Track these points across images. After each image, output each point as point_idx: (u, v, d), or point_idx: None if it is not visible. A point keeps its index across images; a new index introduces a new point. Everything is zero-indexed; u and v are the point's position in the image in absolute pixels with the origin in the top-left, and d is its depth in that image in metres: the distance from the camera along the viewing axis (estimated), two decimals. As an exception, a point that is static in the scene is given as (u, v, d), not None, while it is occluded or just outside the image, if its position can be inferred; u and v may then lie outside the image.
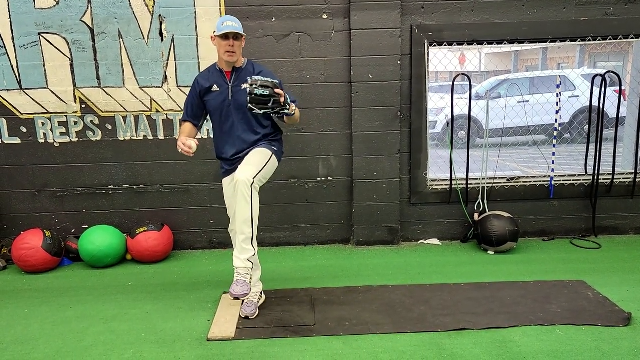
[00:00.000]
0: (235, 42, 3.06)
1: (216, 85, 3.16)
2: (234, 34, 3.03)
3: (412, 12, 4.36)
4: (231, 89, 3.14)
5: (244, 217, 3.05)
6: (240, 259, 3.10)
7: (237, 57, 3.11)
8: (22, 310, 3.52)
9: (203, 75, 3.25)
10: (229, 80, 3.16)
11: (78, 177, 4.49)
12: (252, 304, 3.33)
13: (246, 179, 3.01)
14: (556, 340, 2.93)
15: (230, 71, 3.16)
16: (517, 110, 6.68)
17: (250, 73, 3.13)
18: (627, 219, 4.77)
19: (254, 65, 3.24)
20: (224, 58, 3.10)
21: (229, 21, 3.05)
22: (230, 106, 3.15)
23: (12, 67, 4.25)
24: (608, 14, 4.41)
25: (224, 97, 3.15)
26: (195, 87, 3.23)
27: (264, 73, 3.16)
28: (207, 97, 3.20)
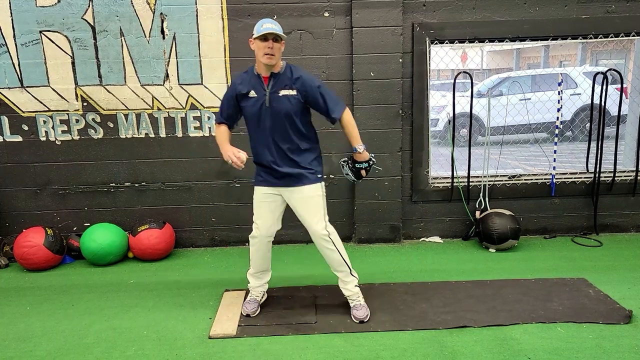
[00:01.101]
0: (275, 44, 2.90)
1: (254, 91, 3.02)
2: (274, 36, 2.89)
3: (414, 9, 4.35)
4: (269, 96, 2.99)
5: (337, 262, 3.19)
6: (348, 289, 3.26)
7: (276, 60, 2.95)
8: (24, 307, 3.53)
9: (240, 79, 3.10)
10: (267, 86, 3.00)
11: (80, 175, 4.49)
12: (254, 301, 3.33)
13: (322, 234, 3.10)
14: (557, 337, 2.93)
15: (268, 77, 3.00)
16: (518, 108, 6.68)
17: (289, 79, 3.00)
18: (628, 217, 4.77)
19: (292, 69, 3.05)
20: (262, 61, 2.92)
21: (268, 23, 2.92)
22: (267, 113, 3.01)
23: (13, 65, 4.26)
24: (610, 12, 4.40)
25: (260, 104, 3.01)
26: (232, 90, 3.10)
27: (304, 78, 3.02)
28: (243, 103, 3.06)
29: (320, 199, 3.14)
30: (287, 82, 2.99)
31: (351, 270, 3.24)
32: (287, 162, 3.07)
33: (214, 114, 4.42)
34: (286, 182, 3.10)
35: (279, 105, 2.99)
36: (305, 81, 3.01)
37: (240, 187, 4.58)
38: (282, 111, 2.98)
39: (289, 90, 2.98)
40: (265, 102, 3.00)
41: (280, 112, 2.99)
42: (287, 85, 2.99)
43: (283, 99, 2.98)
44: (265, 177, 3.15)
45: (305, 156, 3.11)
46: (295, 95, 3.00)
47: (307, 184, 3.10)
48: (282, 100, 2.98)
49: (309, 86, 3.01)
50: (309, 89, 3.01)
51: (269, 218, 3.19)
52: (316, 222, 3.10)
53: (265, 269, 3.37)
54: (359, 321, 3.15)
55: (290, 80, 3.00)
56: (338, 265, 3.21)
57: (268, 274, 3.42)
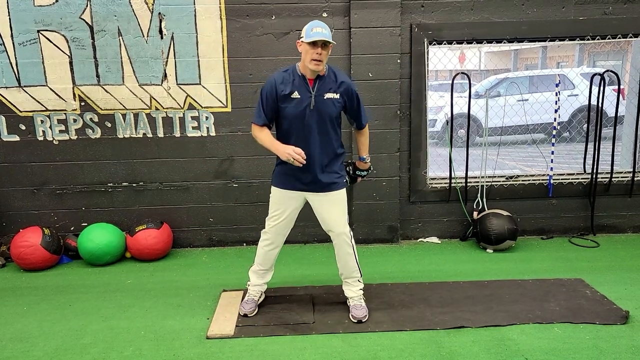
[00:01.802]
0: (323, 51, 2.87)
1: (297, 92, 2.96)
2: (323, 42, 2.85)
3: (412, 10, 4.36)
4: (314, 98, 2.97)
5: (352, 267, 3.23)
6: (353, 291, 3.29)
7: (323, 65, 2.93)
8: (21, 307, 3.52)
9: (282, 79, 3.00)
10: (312, 88, 2.97)
11: (77, 175, 4.48)
12: (251, 301, 3.32)
13: (345, 234, 3.14)
14: (554, 338, 2.94)
15: (314, 79, 2.98)
16: (516, 108, 6.69)
17: (333, 82, 3.00)
18: (625, 218, 4.79)
19: (335, 72, 3.06)
20: (309, 66, 2.89)
21: (319, 27, 2.86)
22: (312, 116, 2.98)
23: (11, 65, 4.24)
24: (607, 13, 4.42)
25: (305, 106, 2.96)
26: (272, 89, 2.99)
27: (347, 83, 3.04)
28: (285, 104, 2.98)
29: (345, 203, 3.18)
30: (331, 85, 3.00)
31: (361, 275, 3.29)
32: (323, 166, 3.06)
33: (212, 114, 4.42)
34: (316, 187, 3.09)
35: (324, 108, 2.99)
36: (349, 86, 3.05)
37: (238, 187, 4.58)
38: (326, 114, 2.99)
39: (334, 94, 3.00)
40: (310, 104, 2.96)
41: (324, 115, 2.99)
42: (331, 89, 2.99)
43: (328, 102, 2.99)
44: (293, 180, 3.09)
45: (337, 161, 3.14)
46: (339, 99, 3.02)
47: (336, 189, 3.13)
48: (327, 103, 2.99)
49: (351, 92, 3.06)
50: (351, 95, 3.06)
51: (287, 220, 3.18)
52: (342, 224, 3.13)
53: (269, 268, 3.36)
54: (357, 320, 3.16)
55: (334, 83, 3.01)
56: (351, 270, 3.24)
57: (270, 274, 3.40)
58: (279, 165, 3.13)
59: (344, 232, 3.14)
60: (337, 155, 3.13)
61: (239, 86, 4.39)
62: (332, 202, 3.12)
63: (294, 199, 3.14)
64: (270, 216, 3.21)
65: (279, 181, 3.15)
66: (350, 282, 3.29)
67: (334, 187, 3.11)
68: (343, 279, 3.31)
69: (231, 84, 4.38)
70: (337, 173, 3.13)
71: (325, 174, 3.07)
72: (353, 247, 3.19)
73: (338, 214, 3.13)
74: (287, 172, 3.09)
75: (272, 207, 3.19)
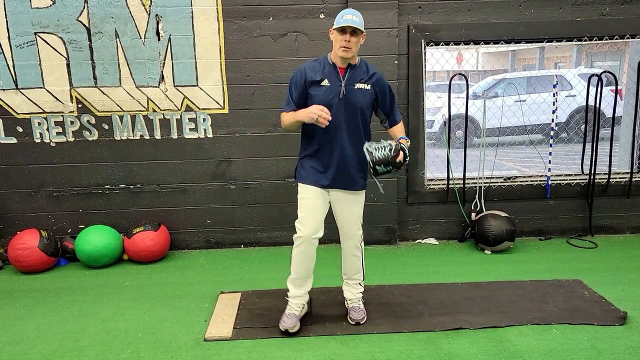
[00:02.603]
0: (353, 38, 2.80)
1: (327, 80, 2.89)
2: (352, 29, 2.79)
3: (409, 11, 4.36)
4: (344, 87, 2.89)
5: (357, 267, 3.22)
6: (353, 293, 3.26)
7: (352, 53, 2.86)
8: (19, 310, 3.51)
9: (312, 66, 2.96)
10: (343, 77, 2.90)
11: (74, 177, 4.48)
12: (293, 316, 3.09)
13: (359, 240, 3.15)
14: (552, 339, 2.94)
15: (345, 67, 2.91)
16: (514, 109, 6.70)
17: (365, 73, 2.94)
18: (623, 219, 4.79)
19: (367, 65, 3.00)
20: (338, 53, 2.84)
21: (349, 14, 2.81)
22: (341, 105, 2.89)
23: (8, 67, 4.24)
24: (604, 14, 4.43)
25: (334, 94, 2.89)
26: (301, 76, 2.93)
27: (379, 75, 2.98)
28: (314, 91, 2.91)
29: (362, 205, 3.15)
30: (363, 75, 2.93)
31: (364, 279, 3.28)
32: (350, 160, 2.97)
33: (209, 115, 4.42)
34: (341, 184, 3.01)
35: (354, 98, 2.91)
36: (381, 78, 2.98)
37: (236, 188, 4.57)
38: (357, 104, 2.91)
39: (364, 84, 2.92)
40: (340, 92, 2.89)
41: (355, 105, 2.91)
42: (362, 79, 2.92)
43: (358, 92, 2.91)
44: (319, 176, 3.00)
45: (363, 158, 2.98)
46: (369, 90, 2.94)
47: (359, 189, 3.08)
48: (357, 93, 2.91)
49: (383, 84, 2.99)
50: (383, 87, 2.99)
51: (318, 218, 3.04)
52: (357, 227, 3.12)
53: (308, 275, 3.14)
54: (355, 322, 3.14)
55: (366, 74, 2.94)
56: (356, 271, 3.22)
57: (310, 282, 3.17)
58: (302, 159, 3.07)
59: (357, 235, 3.13)
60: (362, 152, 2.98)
61: (236, 88, 4.38)
62: (354, 203, 3.08)
63: (323, 195, 3.03)
64: (301, 217, 3.04)
65: (302, 176, 3.06)
66: (351, 284, 3.26)
67: (358, 185, 3.05)
68: (345, 278, 3.28)
69: (228, 85, 4.38)
70: (361, 171, 3.04)
71: (351, 169, 2.99)
72: (362, 250, 3.18)
73: (356, 215, 3.10)
74: (311, 165, 3.01)
75: (302, 206, 3.05)
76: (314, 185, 3.01)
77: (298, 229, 3.03)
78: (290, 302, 3.15)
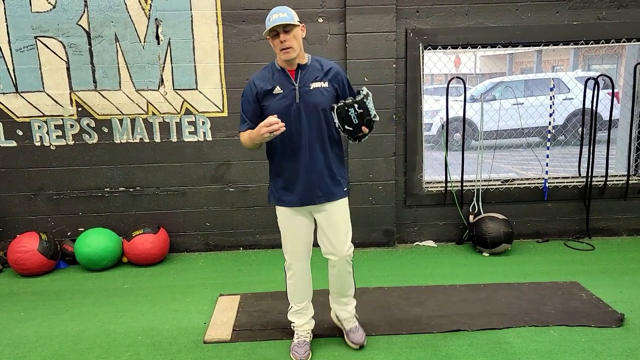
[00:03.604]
0: (287, 36, 2.51)
1: (279, 87, 2.62)
2: (283, 27, 2.50)
3: (407, 15, 4.39)
4: (298, 90, 2.61)
5: (348, 286, 2.93)
6: (347, 310, 2.99)
7: (296, 52, 2.56)
8: (18, 313, 3.52)
9: (260, 76, 2.69)
10: (295, 79, 2.63)
11: (74, 180, 4.49)
12: (303, 343, 2.91)
13: (347, 256, 2.80)
14: (550, 341, 2.95)
15: (295, 69, 2.64)
16: (511, 112, 6.73)
17: (319, 70, 2.65)
18: (620, 221, 4.81)
19: (320, 60, 2.71)
20: (282, 57, 2.57)
21: (275, 14, 2.52)
22: (299, 111, 2.61)
23: (8, 71, 4.25)
24: (600, 18, 4.46)
25: (290, 101, 2.61)
26: (251, 90, 2.67)
27: (336, 69, 2.69)
28: (267, 102, 2.63)
29: (348, 215, 2.82)
30: (317, 73, 2.65)
31: (355, 292, 3.03)
32: (319, 170, 2.68)
33: (209, 118, 4.44)
34: (315, 198, 2.70)
35: (312, 99, 2.61)
36: (338, 72, 2.69)
37: (235, 191, 4.59)
38: (317, 105, 2.61)
39: (321, 82, 2.64)
40: (295, 98, 2.61)
41: (315, 107, 2.62)
42: (317, 77, 2.64)
43: (315, 92, 2.62)
44: (290, 195, 2.72)
45: (336, 164, 2.75)
46: (327, 88, 2.65)
47: (339, 197, 2.76)
48: (315, 94, 2.62)
49: (341, 78, 2.70)
50: (342, 82, 2.70)
51: (304, 243, 2.81)
52: (344, 242, 2.78)
53: (307, 300, 2.97)
54: (359, 346, 2.91)
55: (320, 71, 2.66)
56: (348, 287, 2.94)
57: (311, 308, 3.01)
58: (271, 179, 2.82)
59: (345, 251, 2.78)
60: (335, 157, 2.75)
61: (235, 91, 4.40)
62: (335, 215, 2.75)
63: (299, 217, 2.76)
64: (285, 245, 2.84)
65: (275, 198, 2.79)
66: (344, 301, 2.98)
67: (337, 195, 2.75)
68: (336, 297, 2.98)
69: (227, 89, 4.40)
70: (337, 179, 2.75)
71: (323, 178, 2.69)
72: (352, 265, 2.90)
73: (342, 229, 2.77)
74: (281, 184, 2.74)
75: (282, 232, 2.83)
76: (287, 206, 2.75)
77: (286, 259, 2.87)
78: (297, 331, 2.97)
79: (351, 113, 2.57)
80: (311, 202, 2.72)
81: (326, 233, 2.77)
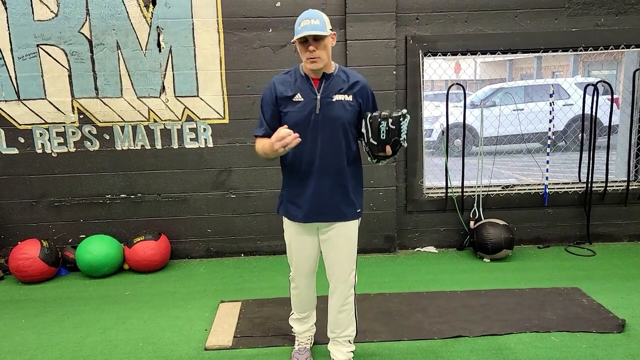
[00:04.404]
0: (317, 45, 2.39)
1: (300, 94, 2.49)
2: (314, 36, 2.38)
3: (407, 23, 4.42)
4: (319, 101, 2.48)
5: (349, 321, 2.72)
6: (343, 353, 2.77)
7: (324, 62, 2.44)
8: (19, 320, 3.52)
9: (282, 80, 2.56)
10: (317, 89, 2.50)
11: (75, 187, 4.50)
12: (304, 350, 2.91)
13: (351, 286, 2.65)
14: (551, 346, 2.95)
15: (319, 78, 2.51)
16: (511, 118, 6.74)
17: (344, 82, 2.52)
18: (620, 226, 4.82)
19: (346, 71, 2.58)
20: (307, 66, 2.47)
21: (306, 19, 2.38)
22: (317, 122, 2.47)
23: (10, 78, 4.28)
24: (599, 25, 4.49)
25: (309, 110, 2.47)
26: (271, 93, 2.55)
27: (362, 83, 2.56)
28: (286, 108, 2.50)
29: (355, 240, 2.65)
30: (342, 85, 2.51)
31: (356, 334, 2.79)
32: (331, 187, 2.54)
33: (210, 125, 4.46)
34: (323, 216, 2.56)
35: (333, 112, 2.48)
36: (364, 86, 2.55)
37: (236, 198, 4.60)
38: (336, 119, 2.48)
39: (345, 95, 2.50)
40: (315, 108, 2.48)
41: (334, 121, 2.48)
42: (342, 90, 2.50)
43: (337, 104, 2.48)
44: (297, 209, 2.59)
45: (352, 182, 2.60)
46: (351, 102, 2.51)
47: (350, 219, 2.60)
48: (336, 106, 2.48)
49: (367, 94, 2.57)
50: (367, 97, 2.57)
51: (308, 259, 2.69)
52: (349, 270, 2.63)
53: (310, 310, 2.91)
54: None
55: (345, 83, 2.52)
56: (346, 325, 2.72)
57: (314, 315, 2.94)
58: (282, 189, 2.69)
59: (349, 280, 2.64)
60: (352, 175, 2.59)
61: (236, 98, 4.43)
62: (343, 238, 2.60)
63: (303, 231, 2.63)
64: (289, 258, 2.75)
65: (283, 209, 2.67)
66: (340, 341, 2.75)
67: (349, 215, 2.59)
68: (332, 337, 2.79)
69: (229, 95, 4.42)
70: (351, 199, 2.59)
71: (334, 197, 2.55)
72: (354, 297, 2.70)
73: (348, 254, 2.62)
74: (291, 196, 2.61)
75: (287, 245, 2.73)
76: (294, 220, 2.62)
77: (290, 269, 2.79)
78: (297, 337, 2.95)
79: (382, 126, 2.39)
80: (317, 219, 2.58)
81: (330, 255, 2.64)
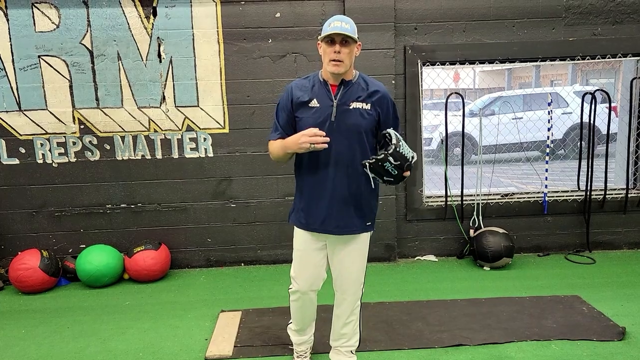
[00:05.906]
0: (344, 49, 2.36)
1: (316, 100, 2.45)
2: (343, 37, 2.37)
3: (405, 33, 4.45)
4: (336, 108, 2.43)
5: (353, 332, 2.74)
6: None
7: (346, 67, 2.40)
8: (20, 330, 3.51)
9: (299, 85, 2.53)
10: (335, 95, 2.46)
11: (76, 197, 4.51)
12: None
13: (356, 298, 2.66)
14: (552, 355, 2.95)
15: (338, 84, 2.47)
16: (510, 127, 6.76)
17: (363, 90, 2.47)
18: (620, 234, 4.82)
19: (366, 79, 2.53)
20: (328, 69, 2.42)
21: (338, 21, 2.37)
22: (332, 130, 2.42)
23: (11, 89, 4.31)
24: (596, 34, 4.52)
25: (324, 117, 2.43)
26: (287, 97, 2.51)
27: (382, 93, 2.50)
28: (301, 114, 2.46)
29: (365, 254, 2.63)
30: (360, 93, 2.47)
31: (359, 344, 2.82)
32: (343, 197, 2.49)
33: (210, 135, 4.48)
34: (334, 228, 2.52)
35: (349, 120, 2.43)
36: (384, 95, 2.50)
37: (236, 207, 4.61)
38: (352, 127, 2.43)
39: (362, 103, 2.45)
40: (331, 115, 2.43)
41: (349, 129, 2.43)
42: (360, 97, 2.46)
43: (353, 112, 2.44)
44: (306, 218, 2.55)
45: (366, 193, 2.54)
46: (369, 111, 2.46)
47: (362, 232, 2.57)
48: (353, 114, 2.44)
49: (387, 103, 2.51)
50: (387, 107, 2.51)
51: (313, 272, 2.63)
52: (359, 284, 2.63)
53: (306, 327, 2.86)
54: None
55: (364, 91, 2.47)
56: (349, 336, 2.74)
57: (310, 330, 2.89)
58: (295, 197, 2.65)
59: (355, 294, 2.64)
60: (367, 185, 2.51)
61: (236, 108, 4.45)
62: (355, 251, 2.57)
63: (313, 241, 2.59)
64: (293, 269, 2.70)
65: (293, 218, 2.64)
66: (342, 351, 2.77)
67: (361, 228, 2.56)
68: (334, 346, 2.80)
69: (229, 105, 4.45)
70: (365, 211, 2.55)
71: (347, 208, 2.50)
72: (360, 309, 2.73)
73: (358, 268, 2.60)
74: (304, 205, 2.56)
75: (294, 256, 2.68)
76: (305, 229, 2.58)
77: (292, 282, 2.70)
78: (296, 349, 2.91)
79: (387, 167, 2.35)
80: (326, 230, 2.53)
81: (335, 268, 2.62)
